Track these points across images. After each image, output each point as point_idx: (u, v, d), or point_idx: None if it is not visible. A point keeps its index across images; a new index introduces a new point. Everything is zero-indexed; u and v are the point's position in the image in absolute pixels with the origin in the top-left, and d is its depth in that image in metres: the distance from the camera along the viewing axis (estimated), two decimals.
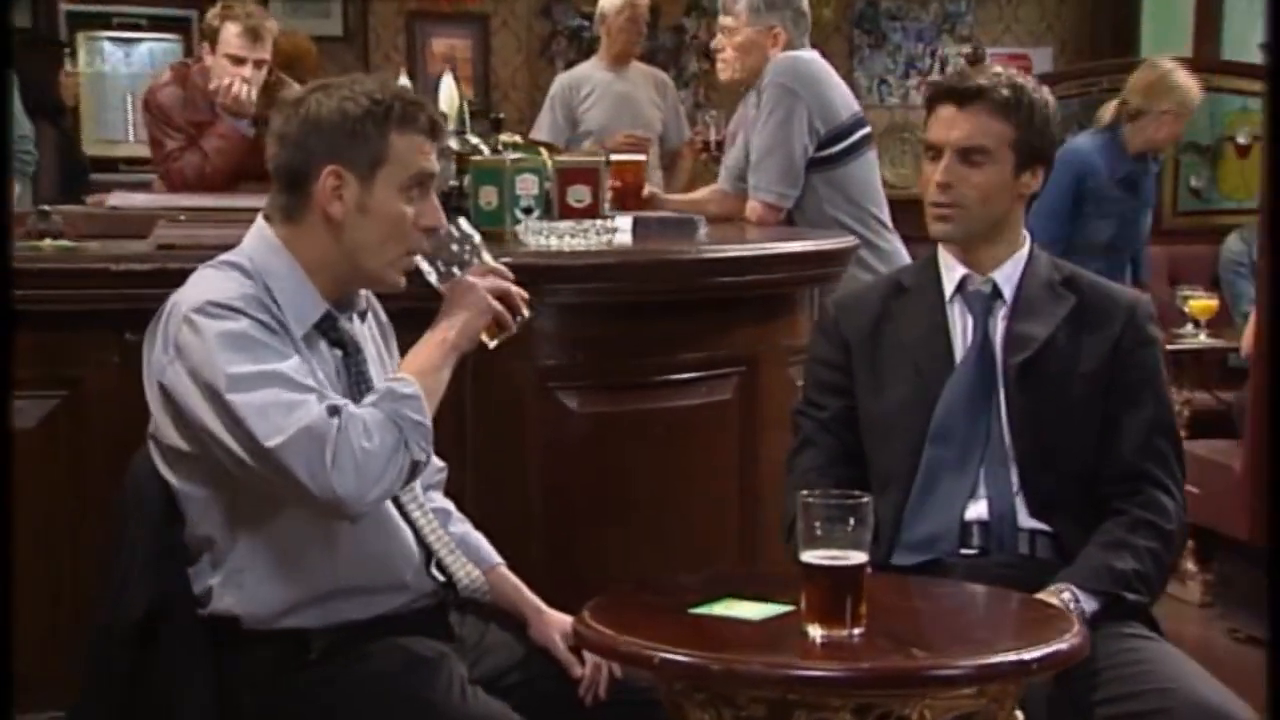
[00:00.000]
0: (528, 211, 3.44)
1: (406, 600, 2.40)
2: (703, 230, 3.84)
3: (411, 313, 2.51)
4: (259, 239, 2.38)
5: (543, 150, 3.82)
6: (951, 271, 2.70)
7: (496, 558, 2.60)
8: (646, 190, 4.40)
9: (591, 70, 6.37)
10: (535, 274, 3.02)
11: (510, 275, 2.47)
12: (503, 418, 3.06)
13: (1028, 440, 2.59)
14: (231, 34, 4.52)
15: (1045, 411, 2.59)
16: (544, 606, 2.55)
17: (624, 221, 3.57)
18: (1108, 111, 5.51)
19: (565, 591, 2.50)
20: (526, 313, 2.46)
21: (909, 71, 8.40)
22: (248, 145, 4.48)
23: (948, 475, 2.60)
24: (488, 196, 3.45)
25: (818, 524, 2.08)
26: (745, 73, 4.37)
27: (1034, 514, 2.57)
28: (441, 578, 2.44)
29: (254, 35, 4.57)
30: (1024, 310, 2.66)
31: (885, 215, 4.36)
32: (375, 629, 2.34)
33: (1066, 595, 2.42)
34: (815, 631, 2.05)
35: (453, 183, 3.89)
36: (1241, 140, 6.43)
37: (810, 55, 4.37)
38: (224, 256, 2.38)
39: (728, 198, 4.59)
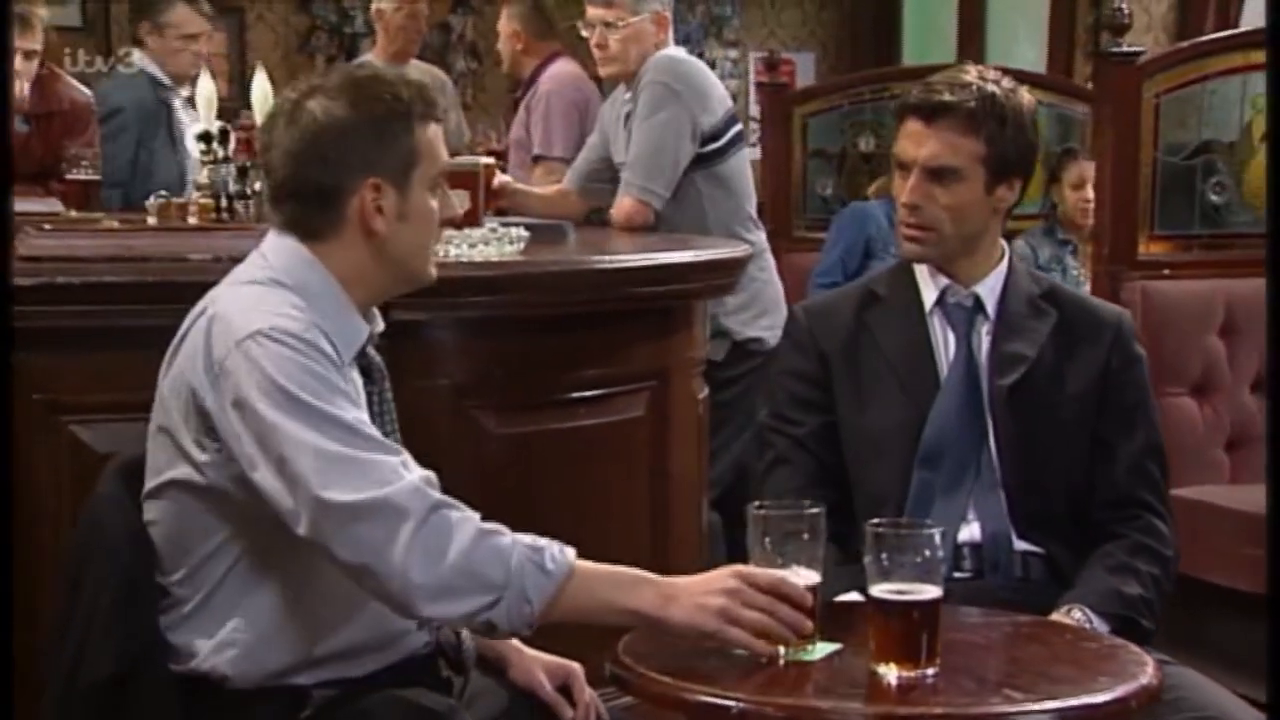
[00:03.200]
0: None
1: (404, 653, 2.19)
2: (572, 236, 3.71)
3: None
4: (290, 255, 2.11)
5: None
6: (929, 283, 2.61)
7: None
8: (498, 180, 4.20)
9: None
10: (455, 286, 2.85)
11: (804, 600, 1.97)
12: (416, 437, 2.84)
13: (1018, 463, 2.51)
14: None
15: (1036, 434, 2.52)
16: (523, 646, 2.34)
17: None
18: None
19: None
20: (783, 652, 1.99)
21: None
22: (21, 143, 4.12)
23: (939, 499, 2.51)
24: None
25: (885, 556, 1.96)
26: (630, 65, 4.22)
27: (1024, 536, 2.50)
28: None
29: (23, 23, 4.21)
30: (1007, 327, 2.58)
31: (754, 211, 4.33)
32: (374, 682, 2.11)
33: (1079, 615, 2.36)
34: (888, 671, 1.93)
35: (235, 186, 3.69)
36: None
37: (684, 53, 4.28)
38: (253, 272, 2.12)
39: (571, 198, 4.45)
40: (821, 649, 2.02)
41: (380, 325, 2.22)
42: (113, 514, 2.08)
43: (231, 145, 4.54)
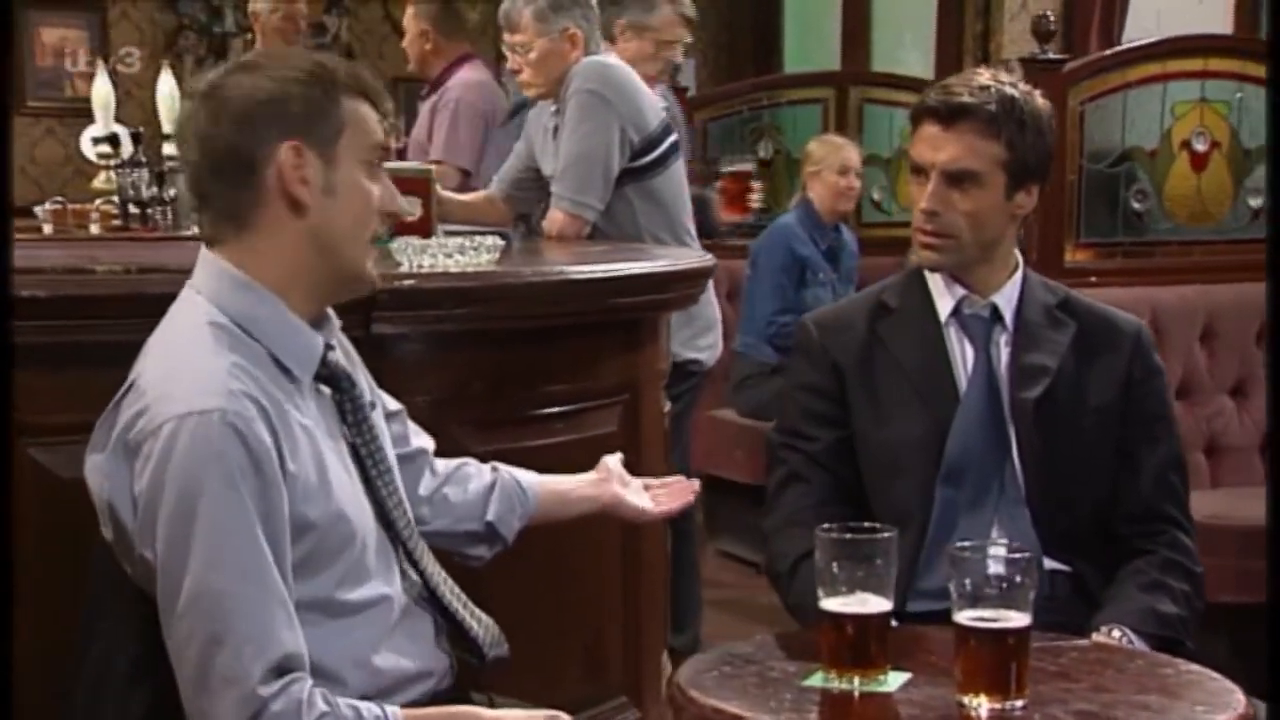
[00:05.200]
0: None
1: (428, 688, 2.04)
2: (516, 246, 3.58)
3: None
4: (218, 278, 1.94)
5: None
6: (945, 293, 2.53)
7: (532, 481, 2.36)
8: None
9: None
10: (437, 297, 2.72)
11: None
12: None
13: (1043, 478, 2.45)
14: None
15: (1060, 448, 2.46)
16: (580, 485, 2.44)
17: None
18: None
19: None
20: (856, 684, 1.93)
21: None
22: None
23: (963, 517, 2.43)
24: None
25: (969, 581, 1.87)
26: (549, 85, 4.05)
27: (1049, 553, 2.43)
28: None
29: None
30: (1026, 337, 2.51)
31: (692, 224, 4.17)
32: None
33: (1118, 634, 2.30)
34: (978, 703, 1.83)
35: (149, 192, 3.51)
36: None
37: (615, 60, 4.11)
38: (182, 314, 1.94)
39: (497, 204, 4.31)
40: (894, 679, 1.93)
41: (336, 326, 2.07)
42: (119, 568, 1.89)
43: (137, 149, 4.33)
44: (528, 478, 2.36)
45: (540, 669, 2.69)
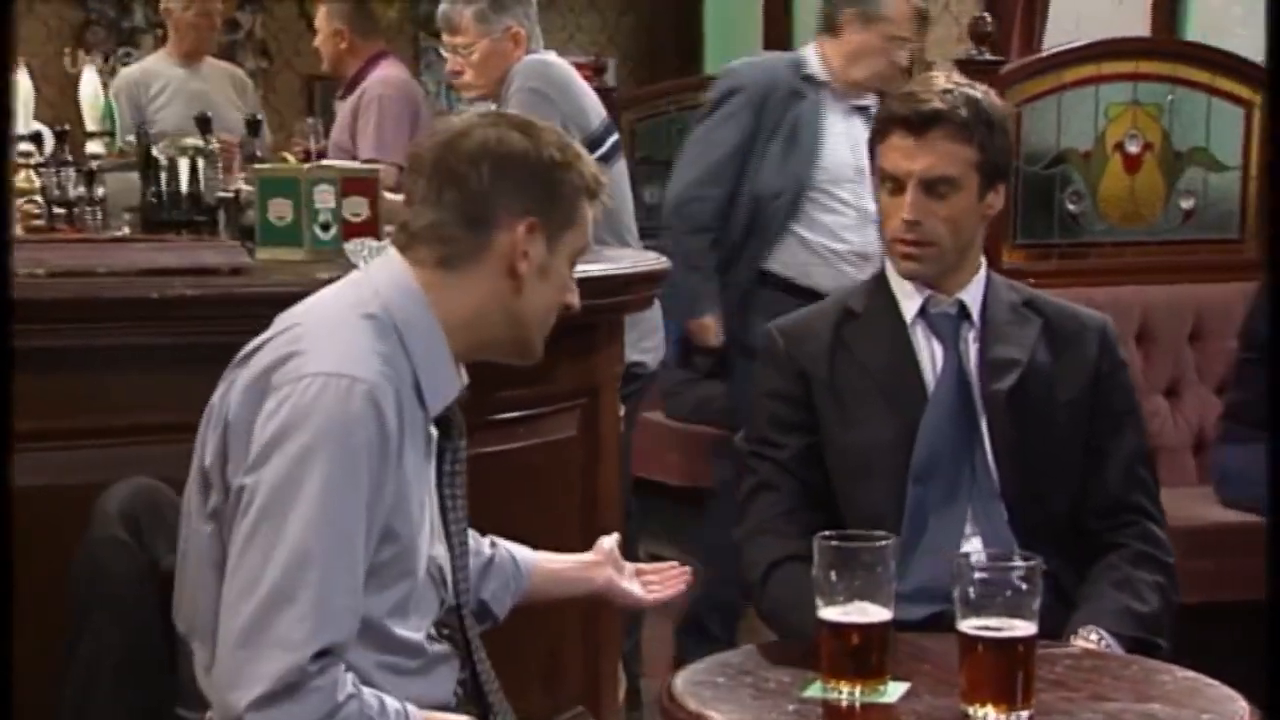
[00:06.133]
0: (325, 228, 2.99)
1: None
2: None
3: None
4: (399, 285, 1.94)
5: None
6: (910, 295, 2.52)
7: (527, 558, 2.31)
8: None
9: (161, 65, 5.90)
10: None
11: None
12: None
13: (1018, 471, 2.44)
14: None
15: (1032, 441, 2.45)
16: (574, 567, 2.37)
17: None
18: None
19: None
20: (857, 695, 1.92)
21: None
22: None
23: (935, 516, 2.41)
24: (280, 210, 2.97)
25: (973, 589, 1.84)
26: (491, 86, 3.97)
27: (1025, 550, 2.41)
28: None
29: None
30: (994, 333, 2.50)
31: (634, 224, 4.12)
32: None
33: (1095, 637, 2.29)
34: (984, 714, 1.82)
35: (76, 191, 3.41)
36: None
37: (555, 58, 4.05)
38: (356, 297, 1.93)
39: None
40: (894, 689, 1.90)
41: (466, 380, 2.05)
42: (115, 558, 1.84)
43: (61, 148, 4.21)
44: (523, 554, 2.33)
45: (500, 680, 2.64)
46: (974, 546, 2.40)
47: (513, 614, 2.85)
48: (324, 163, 3.50)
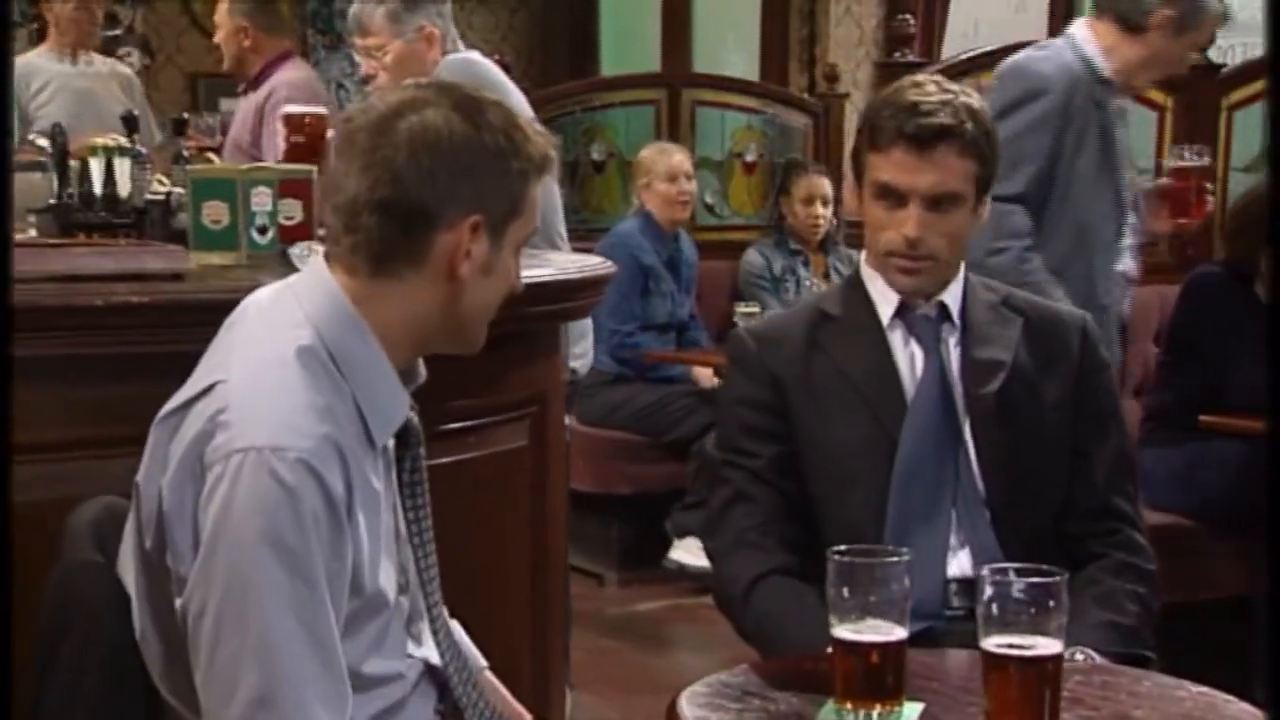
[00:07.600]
0: (262, 231, 2.86)
1: None
2: None
3: None
4: (329, 304, 1.79)
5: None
6: (887, 297, 2.46)
7: (481, 661, 2.14)
8: None
9: (43, 61, 5.71)
10: None
11: None
12: None
13: (1004, 476, 2.38)
14: None
15: (1019, 444, 2.40)
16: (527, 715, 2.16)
17: None
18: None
19: None
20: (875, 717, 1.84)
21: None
22: None
23: (919, 527, 2.34)
24: (215, 214, 2.83)
25: (996, 605, 1.77)
26: None
27: (1009, 558, 2.35)
28: None
29: None
30: (976, 334, 2.45)
31: (564, 227, 4.03)
32: None
33: (1080, 656, 2.23)
34: None
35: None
36: (749, 158, 6.53)
37: (480, 56, 3.94)
38: (277, 317, 1.78)
39: None
40: (910, 709, 1.83)
41: (423, 377, 1.92)
42: (90, 581, 1.74)
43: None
44: (475, 657, 2.19)
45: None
46: (961, 563, 2.35)
47: (465, 628, 2.78)
48: (260, 164, 3.35)
